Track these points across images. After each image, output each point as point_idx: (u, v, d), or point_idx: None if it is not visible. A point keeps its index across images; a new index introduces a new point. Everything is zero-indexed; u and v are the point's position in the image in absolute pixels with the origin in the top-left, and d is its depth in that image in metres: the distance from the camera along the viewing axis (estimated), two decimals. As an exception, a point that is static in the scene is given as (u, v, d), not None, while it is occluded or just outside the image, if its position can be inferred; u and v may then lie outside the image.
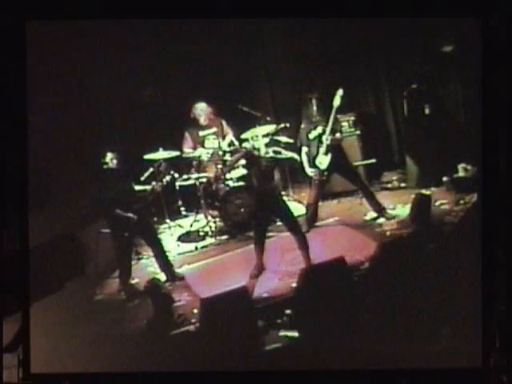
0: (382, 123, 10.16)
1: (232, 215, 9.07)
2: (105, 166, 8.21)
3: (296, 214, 9.14)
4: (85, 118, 9.04)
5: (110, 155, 8.19)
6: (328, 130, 8.72)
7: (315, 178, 8.86)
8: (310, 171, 8.88)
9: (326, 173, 8.84)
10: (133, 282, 8.30)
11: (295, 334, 6.95)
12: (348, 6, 7.17)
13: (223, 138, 9.44)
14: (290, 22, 9.51)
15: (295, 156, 8.60)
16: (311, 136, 8.85)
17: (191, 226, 9.34)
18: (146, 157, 9.21)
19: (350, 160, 9.06)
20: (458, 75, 8.82)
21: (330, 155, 8.79)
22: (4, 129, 7.23)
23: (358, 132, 9.61)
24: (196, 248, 9.04)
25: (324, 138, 8.75)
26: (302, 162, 8.93)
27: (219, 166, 9.16)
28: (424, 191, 8.70)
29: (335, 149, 8.81)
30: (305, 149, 8.90)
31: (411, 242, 7.09)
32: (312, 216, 8.96)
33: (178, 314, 7.40)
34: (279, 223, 9.17)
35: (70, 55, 8.71)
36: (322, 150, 8.79)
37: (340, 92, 8.68)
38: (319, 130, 8.80)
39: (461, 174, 9.11)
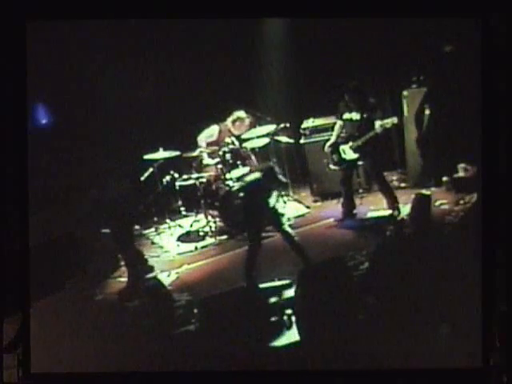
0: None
1: (232, 215, 9.07)
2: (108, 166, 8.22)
3: (296, 214, 9.19)
4: (85, 117, 9.04)
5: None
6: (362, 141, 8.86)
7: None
8: (327, 147, 9.05)
9: (343, 165, 8.95)
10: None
11: (295, 338, 6.96)
12: (348, 6, 7.17)
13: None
14: (290, 22, 9.52)
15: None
16: (344, 116, 8.98)
17: (191, 226, 9.34)
18: (146, 157, 9.22)
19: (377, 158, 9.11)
20: (458, 75, 8.81)
21: (357, 155, 8.88)
22: (4, 129, 7.23)
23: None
24: (196, 248, 9.04)
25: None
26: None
27: (219, 166, 9.16)
28: (424, 191, 8.69)
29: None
30: (340, 123, 9.04)
31: (411, 241, 7.09)
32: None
33: (178, 314, 7.40)
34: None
35: (70, 55, 8.71)
36: (352, 145, 8.85)
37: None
38: (354, 115, 8.91)
39: (461, 174, 9.11)
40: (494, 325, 6.77)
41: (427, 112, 9.40)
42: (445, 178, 9.24)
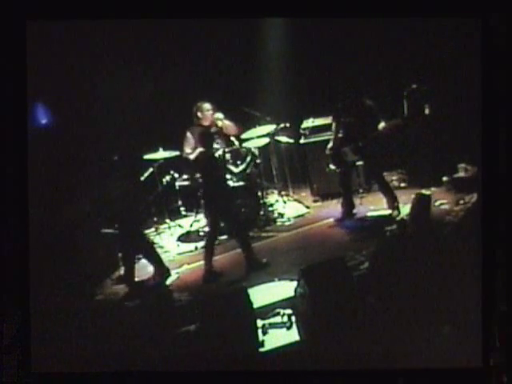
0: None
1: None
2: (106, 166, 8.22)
3: (296, 214, 9.19)
4: (85, 117, 9.04)
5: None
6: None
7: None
8: (328, 149, 8.98)
9: (344, 166, 8.93)
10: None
11: (295, 338, 6.96)
12: (348, 6, 7.17)
13: (226, 138, 9.35)
14: (290, 22, 9.52)
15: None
16: (343, 119, 8.98)
17: (191, 225, 9.34)
18: (146, 157, 9.21)
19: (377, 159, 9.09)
20: (458, 75, 8.81)
21: (358, 157, 8.86)
22: (4, 129, 7.23)
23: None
24: (196, 248, 9.04)
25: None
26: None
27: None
28: (424, 191, 8.69)
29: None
30: (337, 124, 9.02)
31: (411, 242, 7.09)
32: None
33: (178, 314, 7.40)
34: (279, 223, 9.21)
35: (71, 55, 8.70)
36: (353, 147, 8.83)
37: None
38: (353, 118, 8.88)
39: (461, 174, 9.12)
40: (494, 325, 6.77)
41: (427, 112, 9.39)
42: (445, 178, 9.24)
